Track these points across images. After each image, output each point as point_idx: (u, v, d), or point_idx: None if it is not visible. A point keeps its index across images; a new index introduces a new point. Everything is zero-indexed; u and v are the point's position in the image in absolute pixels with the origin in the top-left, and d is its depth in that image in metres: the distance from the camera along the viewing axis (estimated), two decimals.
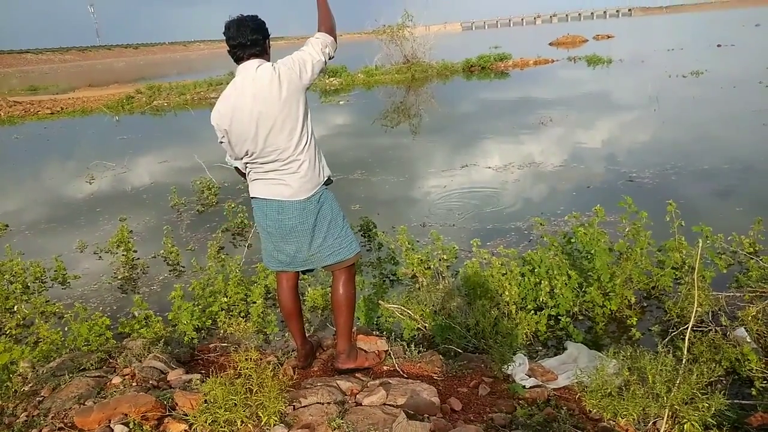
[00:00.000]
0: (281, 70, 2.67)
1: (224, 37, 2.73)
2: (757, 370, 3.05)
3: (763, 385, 3.01)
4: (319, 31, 2.84)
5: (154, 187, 10.00)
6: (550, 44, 39.86)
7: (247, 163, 2.82)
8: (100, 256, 6.75)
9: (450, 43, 44.53)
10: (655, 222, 4.45)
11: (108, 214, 8.50)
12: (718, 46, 25.92)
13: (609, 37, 43.35)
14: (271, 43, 2.83)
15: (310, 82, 2.74)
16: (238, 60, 2.73)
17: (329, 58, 2.82)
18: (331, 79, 25.72)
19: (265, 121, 2.64)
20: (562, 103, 14.61)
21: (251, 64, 2.71)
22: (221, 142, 2.83)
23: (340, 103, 19.55)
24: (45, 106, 25.05)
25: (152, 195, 9.45)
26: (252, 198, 2.92)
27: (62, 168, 13.03)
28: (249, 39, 2.68)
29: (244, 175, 2.95)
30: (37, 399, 2.85)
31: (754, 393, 3.01)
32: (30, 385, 3.05)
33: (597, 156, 9.23)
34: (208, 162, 9.55)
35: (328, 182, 2.93)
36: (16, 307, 5.12)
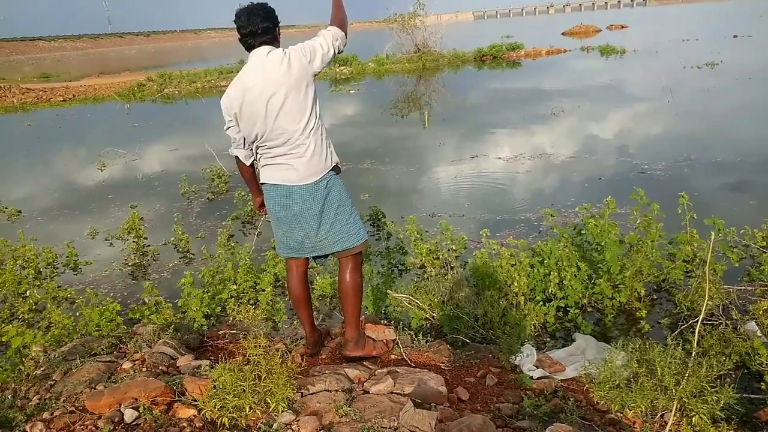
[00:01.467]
0: (292, 55, 2.71)
1: (235, 26, 2.75)
2: (767, 364, 3.02)
3: None
4: (331, 24, 2.90)
5: (165, 175, 10.05)
6: (563, 34, 39.44)
7: (257, 147, 2.85)
8: (111, 243, 6.81)
9: (461, 32, 44.16)
10: (666, 214, 4.41)
11: (119, 201, 8.56)
12: (735, 36, 25.50)
13: (623, 27, 42.79)
14: (281, 30, 2.85)
15: (319, 69, 2.79)
16: (249, 48, 2.76)
17: (338, 51, 2.88)
18: (342, 67, 25.64)
19: (274, 102, 2.67)
20: (574, 94, 14.47)
21: (262, 50, 2.74)
22: (228, 128, 2.87)
23: (351, 92, 19.50)
24: (57, 94, 25.20)
25: (163, 183, 9.50)
26: (262, 184, 2.95)
27: (74, 155, 13.12)
28: (260, 27, 2.71)
29: (248, 166, 2.98)
30: (49, 382, 2.89)
31: (763, 387, 2.98)
32: (42, 368, 3.09)
33: (609, 147, 9.15)
34: (219, 150, 9.56)
35: (337, 170, 2.94)
36: (28, 292, 5.18)
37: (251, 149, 2.91)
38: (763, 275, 4.04)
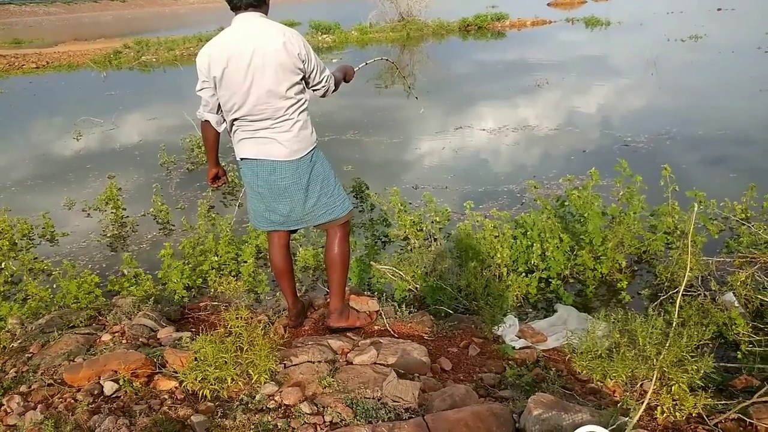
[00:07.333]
0: (293, 40, 2.60)
1: None
2: (744, 334, 3.08)
3: (749, 348, 3.05)
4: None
5: (143, 145, 9.85)
6: (548, 5, 38.95)
7: (235, 119, 2.72)
8: (88, 214, 6.68)
9: (446, 0, 43.52)
10: (648, 186, 4.44)
11: (96, 171, 8.38)
12: (719, 10, 25.48)
13: None
14: None
15: (309, 80, 2.78)
16: (236, 9, 2.62)
17: (320, 89, 2.89)
18: (324, 36, 25.16)
19: (263, 81, 2.57)
20: (558, 66, 14.40)
21: (252, 17, 2.60)
22: (201, 89, 2.72)
23: (333, 61, 19.16)
24: (30, 60, 24.39)
25: (141, 152, 9.31)
26: (241, 159, 2.84)
27: (49, 124, 12.77)
28: None
29: (216, 133, 2.88)
30: (26, 355, 2.83)
31: (739, 356, 3.05)
32: (19, 341, 3.03)
33: (592, 120, 9.15)
34: (198, 120, 9.37)
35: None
36: (3, 263, 5.07)
37: (222, 115, 2.79)
38: (741, 247, 4.09)
